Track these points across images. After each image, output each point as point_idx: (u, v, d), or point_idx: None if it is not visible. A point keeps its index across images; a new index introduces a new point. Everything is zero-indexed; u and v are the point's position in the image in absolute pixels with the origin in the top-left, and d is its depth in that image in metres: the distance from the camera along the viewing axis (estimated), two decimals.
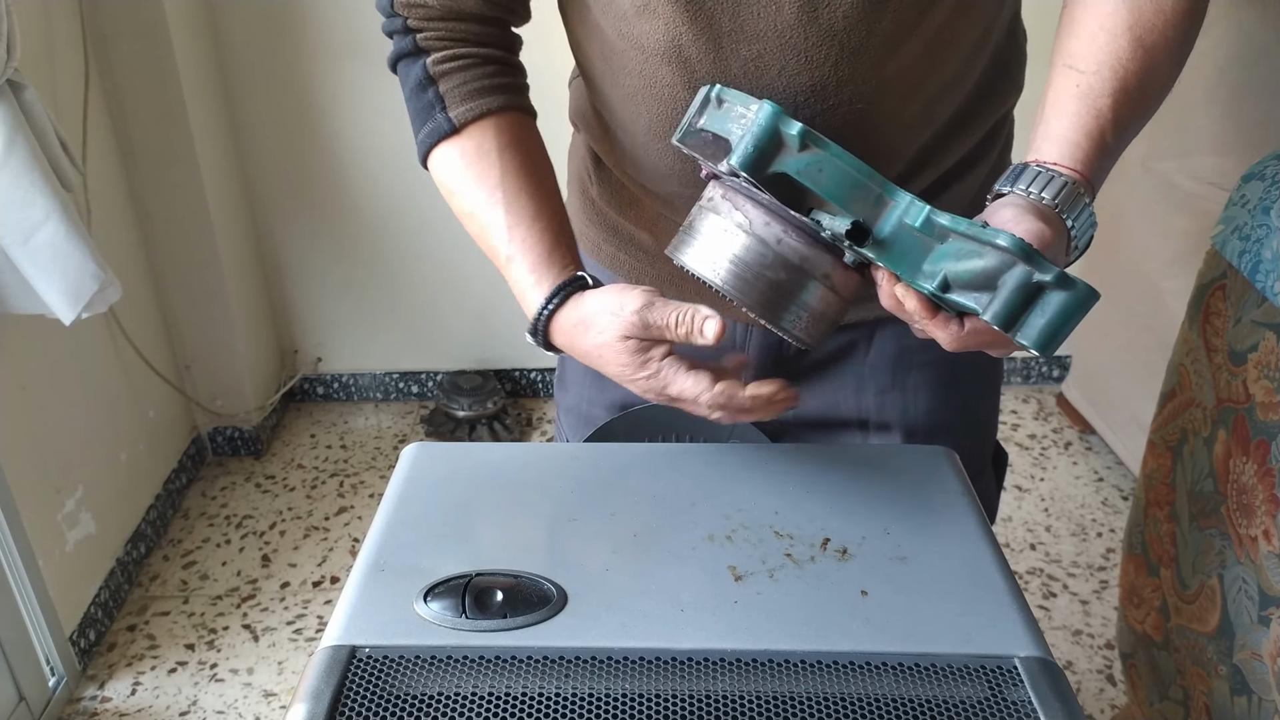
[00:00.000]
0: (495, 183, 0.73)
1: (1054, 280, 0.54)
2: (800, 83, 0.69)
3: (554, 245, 0.73)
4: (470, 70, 0.74)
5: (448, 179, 0.76)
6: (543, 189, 0.75)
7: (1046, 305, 0.55)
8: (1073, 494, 2.06)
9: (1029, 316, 0.56)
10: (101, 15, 1.73)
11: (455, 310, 2.29)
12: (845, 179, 0.59)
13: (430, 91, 0.75)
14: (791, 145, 0.59)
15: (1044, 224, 0.59)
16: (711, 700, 0.54)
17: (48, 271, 1.34)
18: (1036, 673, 0.56)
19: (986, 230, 0.56)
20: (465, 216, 0.76)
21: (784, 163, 0.60)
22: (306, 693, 0.54)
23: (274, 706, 1.60)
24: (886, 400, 0.85)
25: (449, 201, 0.77)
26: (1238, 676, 1.03)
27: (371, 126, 2.07)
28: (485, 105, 0.74)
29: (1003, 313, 0.56)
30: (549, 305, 0.72)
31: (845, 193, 0.60)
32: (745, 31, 0.67)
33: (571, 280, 0.72)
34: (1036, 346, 0.56)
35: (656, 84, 0.71)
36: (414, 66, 0.75)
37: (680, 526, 0.67)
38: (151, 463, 1.95)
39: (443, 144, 0.75)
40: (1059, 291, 0.55)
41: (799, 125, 0.59)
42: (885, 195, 0.59)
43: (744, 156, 0.60)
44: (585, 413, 0.92)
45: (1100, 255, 2.04)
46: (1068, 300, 0.55)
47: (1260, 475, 0.97)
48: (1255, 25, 1.55)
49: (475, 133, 0.74)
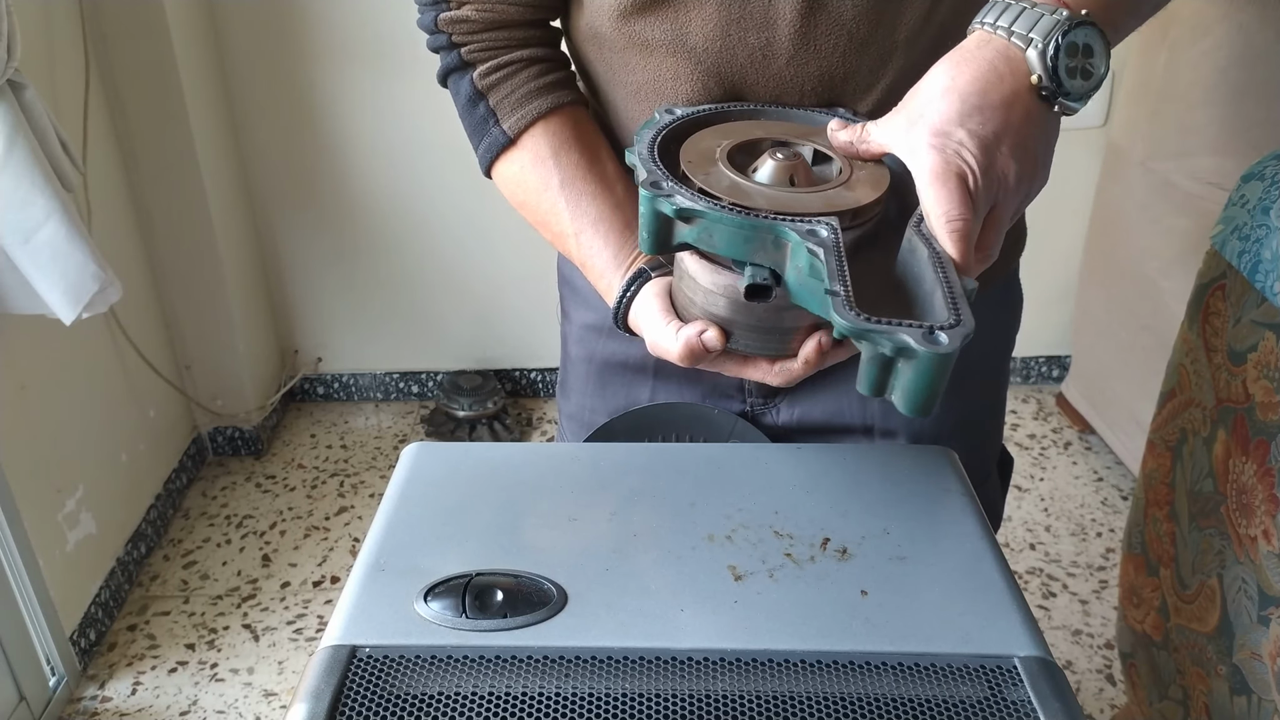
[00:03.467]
0: (556, 190, 0.75)
1: (891, 352, 0.52)
2: (809, 72, 0.69)
3: (620, 244, 0.75)
4: (517, 77, 0.75)
5: (514, 192, 0.78)
6: (603, 185, 0.76)
7: (900, 373, 0.53)
8: (1072, 494, 2.06)
9: (893, 384, 0.54)
10: (101, 15, 1.73)
11: (455, 310, 2.29)
12: (735, 238, 0.58)
13: (482, 106, 0.76)
14: (677, 220, 0.58)
15: (963, 77, 0.56)
16: (711, 700, 0.54)
17: (48, 271, 1.34)
18: (1036, 672, 0.56)
19: (826, 301, 0.53)
20: (538, 226, 0.78)
21: (680, 235, 0.60)
22: (307, 692, 0.54)
23: (274, 706, 1.60)
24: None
25: (520, 212, 0.79)
26: (1237, 676, 1.03)
27: (372, 126, 2.07)
28: (536, 110, 0.75)
29: (861, 381, 0.54)
30: (620, 302, 0.74)
31: (740, 249, 0.58)
32: (754, 19, 0.67)
33: (638, 274, 0.74)
34: (905, 410, 0.54)
35: (660, 78, 0.72)
36: (463, 81, 0.76)
37: (680, 526, 0.67)
38: (152, 463, 1.95)
39: (501, 158, 0.77)
40: (907, 361, 0.52)
41: (672, 205, 0.58)
42: (780, 238, 0.57)
43: (645, 245, 0.61)
44: (588, 420, 0.92)
45: (1100, 255, 2.04)
46: (916, 367, 0.52)
47: (1260, 475, 0.97)
48: (1255, 26, 1.55)
49: (529, 142, 0.75)
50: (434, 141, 2.05)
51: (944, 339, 0.51)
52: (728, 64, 0.69)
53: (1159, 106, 1.74)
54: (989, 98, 0.57)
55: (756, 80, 0.70)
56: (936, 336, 0.52)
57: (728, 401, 0.86)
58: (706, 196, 0.59)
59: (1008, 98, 0.57)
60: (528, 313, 2.28)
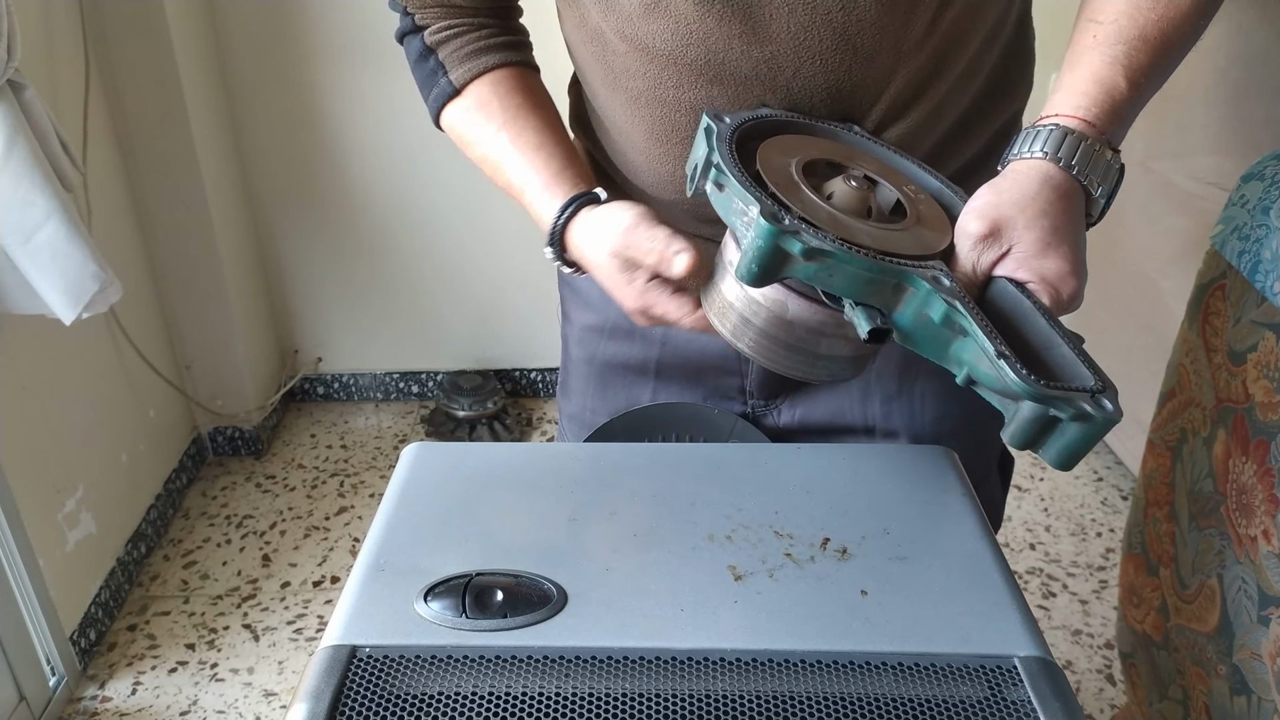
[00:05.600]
0: (499, 124, 0.77)
1: (1069, 417, 0.52)
2: (815, 86, 0.68)
3: (563, 166, 0.76)
4: (465, 35, 0.78)
5: (460, 133, 0.80)
6: (547, 122, 0.78)
7: (1064, 433, 0.53)
8: (1072, 494, 2.06)
9: (1047, 440, 0.54)
10: (101, 15, 1.73)
11: (455, 310, 2.29)
12: (857, 280, 0.56)
13: (431, 60, 0.79)
14: (797, 257, 0.56)
15: (1036, 189, 0.60)
16: (711, 700, 0.54)
17: (48, 271, 1.34)
18: (1036, 672, 0.56)
19: (1000, 365, 0.53)
20: (480, 162, 0.80)
21: (792, 270, 0.57)
22: (307, 692, 0.54)
23: (274, 706, 1.60)
24: (893, 408, 0.84)
25: (467, 154, 0.81)
26: (1237, 676, 1.03)
27: (372, 126, 2.07)
28: (483, 64, 0.78)
29: (1019, 438, 0.54)
30: (561, 216, 0.73)
31: (859, 291, 0.57)
32: (759, 32, 0.66)
33: (583, 194, 0.74)
34: (1057, 466, 0.54)
35: (661, 86, 0.71)
36: (415, 39, 0.80)
37: (680, 526, 0.67)
38: (152, 462, 1.95)
39: (449, 105, 0.79)
40: (1076, 424, 0.52)
41: (800, 243, 0.55)
42: (904, 283, 0.57)
43: (747, 274, 0.57)
44: (588, 421, 0.92)
45: (1099, 255, 2.04)
46: (1085, 431, 0.52)
47: (1260, 475, 0.97)
48: (1255, 25, 1.55)
49: (475, 89, 0.78)
50: (434, 142, 2.04)
51: (1109, 406, 0.52)
52: (731, 75, 0.69)
53: (1158, 106, 1.73)
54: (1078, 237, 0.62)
55: (762, 92, 0.69)
56: (1103, 402, 0.52)
57: (729, 403, 0.86)
58: (820, 230, 0.57)
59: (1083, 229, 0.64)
60: (527, 313, 2.28)
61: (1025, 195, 0.60)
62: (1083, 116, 0.63)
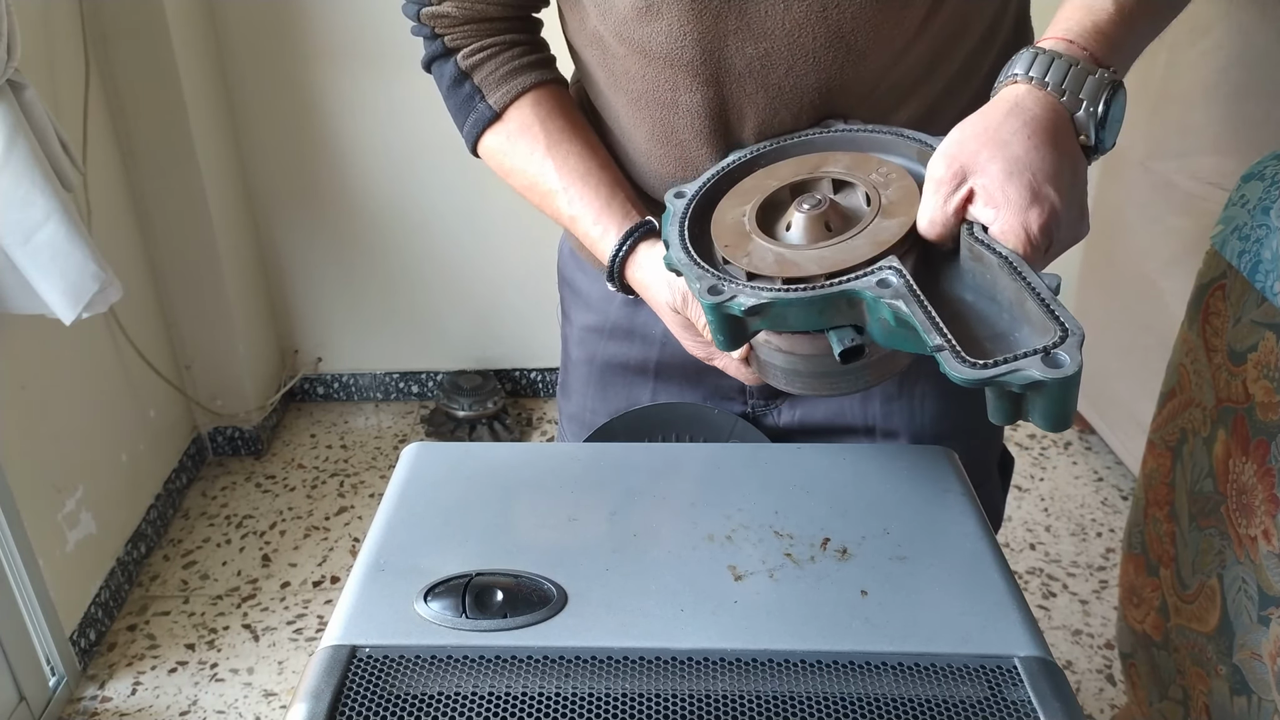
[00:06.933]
0: (543, 152, 0.77)
1: (1020, 388, 0.50)
2: (808, 83, 0.69)
3: (610, 195, 0.76)
4: (499, 56, 0.78)
5: (500, 161, 0.80)
6: (589, 146, 0.78)
7: (1034, 400, 0.52)
8: (1072, 494, 2.06)
9: (1028, 409, 0.52)
10: (101, 15, 1.73)
11: (455, 310, 2.29)
12: (808, 314, 0.58)
13: (466, 85, 0.78)
14: (748, 318, 0.58)
15: (1014, 114, 0.59)
16: (711, 700, 0.54)
17: (48, 271, 1.34)
18: (1036, 672, 0.56)
19: (943, 359, 0.52)
20: (526, 191, 0.80)
21: (755, 326, 0.60)
22: (307, 692, 0.54)
23: (274, 706, 1.60)
24: (894, 408, 0.84)
25: (508, 182, 0.81)
26: (1237, 676, 1.03)
27: (372, 127, 2.07)
28: (521, 85, 0.78)
29: (995, 416, 0.53)
30: (619, 253, 0.75)
31: (815, 321, 0.58)
32: (752, 30, 0.67)
33: (636, 226, 0.75)
34: (1048, 430, 0.53)
35: (659, 88, 0.71)
36: (447, 65, 0.79)
37: (680, 526, 0.67)
38: (152, 463, 1.95)
39: (488, 131, 0.79)
40: (1036, 394, 0.51)
41: (739, 306, 0.57)
42: (854, 297, 0.57)
43: (720, 344, 0.61)
44: (588, 421, 0.92)
45: (1100, 255, 2.04)
46: (1048, 394, 0.51)
47: (1260, 475, 0.97)
48: (1255, 25, 1.55)
49: (515, 113, 0.78)
50: (434, 141, 2.05)
51: (1065, 359, 0.49)
52: (726, 74, 0.69)
53: (1159, 106, 1.74)
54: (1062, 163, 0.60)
55: (755, 90, 0.69)
56: (1056, 358, 0.49)
57: (729, 403, 0.86)
58: (759, 280, 0.59)
59: (1072, 154, 0.60)
60: (527, 313, 2.28)
61: (988, 128, 0.59)
62: (1062, 36, 0.62)
